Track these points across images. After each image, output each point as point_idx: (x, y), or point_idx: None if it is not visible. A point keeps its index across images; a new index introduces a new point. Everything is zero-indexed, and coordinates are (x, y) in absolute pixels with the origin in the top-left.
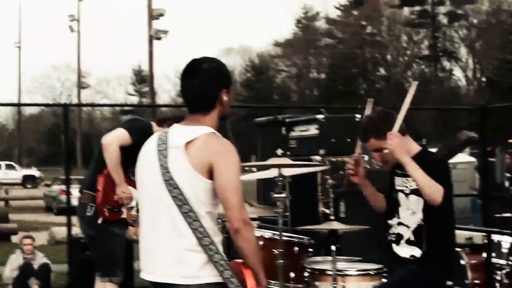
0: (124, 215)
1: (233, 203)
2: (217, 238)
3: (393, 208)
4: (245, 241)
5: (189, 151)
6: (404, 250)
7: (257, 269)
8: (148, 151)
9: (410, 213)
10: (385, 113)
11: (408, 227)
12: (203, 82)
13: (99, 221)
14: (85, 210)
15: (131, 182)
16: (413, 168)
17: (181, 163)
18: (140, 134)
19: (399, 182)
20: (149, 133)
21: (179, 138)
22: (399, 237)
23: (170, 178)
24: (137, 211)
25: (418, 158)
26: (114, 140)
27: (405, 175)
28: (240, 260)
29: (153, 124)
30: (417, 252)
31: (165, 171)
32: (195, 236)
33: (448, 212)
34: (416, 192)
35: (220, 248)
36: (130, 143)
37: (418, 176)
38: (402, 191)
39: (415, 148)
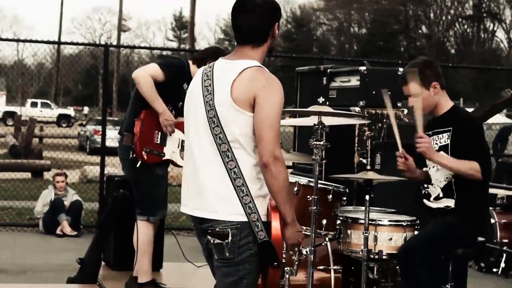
0: (167, 157)
1: (267, 137)
2: (254, 185)
3: (423, 165)
4: (273, 177)
5: (234, 87)
6: (435, 204)
7: (283, 207)
8: (194, 87)
9: (435, 170)
10: (430, 61)
11: (437, 185)
12: (259, 16)
13: (138, 164)
14: (128, 152)
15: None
16: (448, 162)
17: (226, 100)
18: (173, 70)
19: None
20: (185, 71)
21: (224, 74)
22: (428, 194)
23: (213, 115)
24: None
25: (450, 114)
26: (144, 71)
27: (435, 133)
28: (273, 202)
29: (190, 63)
30: (451, 203)
31: (210, 108)
32: (229, 176)
33: (484, 168)
34: (445, 148)
35: (253, 190)
36: (163, 79)
37: (455, 166)
38: None
39: (447, 104)
